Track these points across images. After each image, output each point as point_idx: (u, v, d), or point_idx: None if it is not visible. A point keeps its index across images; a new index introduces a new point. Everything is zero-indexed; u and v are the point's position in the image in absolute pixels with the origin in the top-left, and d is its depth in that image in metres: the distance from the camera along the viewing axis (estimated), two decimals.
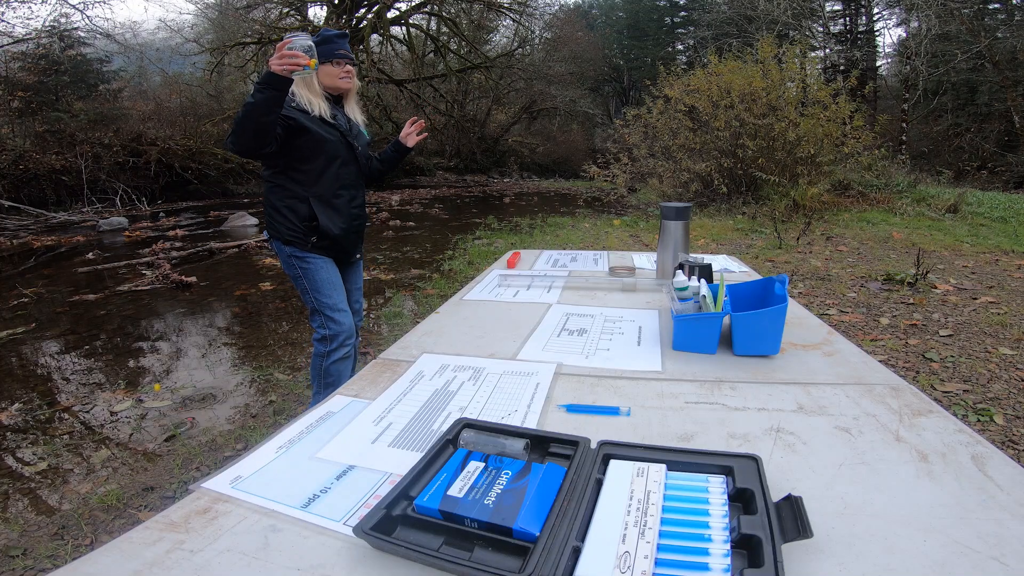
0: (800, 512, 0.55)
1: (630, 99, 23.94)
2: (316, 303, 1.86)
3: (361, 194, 1.97)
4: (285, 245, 1.83)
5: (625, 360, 1.08)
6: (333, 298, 1.87)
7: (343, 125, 1.84)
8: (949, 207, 7.43)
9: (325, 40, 1.75)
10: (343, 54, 1.80)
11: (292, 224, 1.81)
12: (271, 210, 1.84)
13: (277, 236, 1.84)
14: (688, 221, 1.61)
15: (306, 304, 1.91)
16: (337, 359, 1.88)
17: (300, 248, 1.82)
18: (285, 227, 1.81)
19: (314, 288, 1.85)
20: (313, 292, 1.86)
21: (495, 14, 18.98)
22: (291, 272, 1.87)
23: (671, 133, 9.07)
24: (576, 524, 0.57)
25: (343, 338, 1.87)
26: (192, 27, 17.38)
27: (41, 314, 4.08)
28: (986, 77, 13.54)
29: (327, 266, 1.88)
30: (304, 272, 1.84)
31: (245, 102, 1.54)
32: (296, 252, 1.83)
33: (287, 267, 1.87)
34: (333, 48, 1.77)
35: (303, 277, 1.85)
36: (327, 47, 1.75)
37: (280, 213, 1.81)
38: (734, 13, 17.34)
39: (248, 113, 1.52)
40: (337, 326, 1.86)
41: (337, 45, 1.79)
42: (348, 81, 1.85)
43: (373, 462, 0.75)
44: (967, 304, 3.48)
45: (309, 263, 1.84)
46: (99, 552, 0.58)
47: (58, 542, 1.64)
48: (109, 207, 10.28)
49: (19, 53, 11.45)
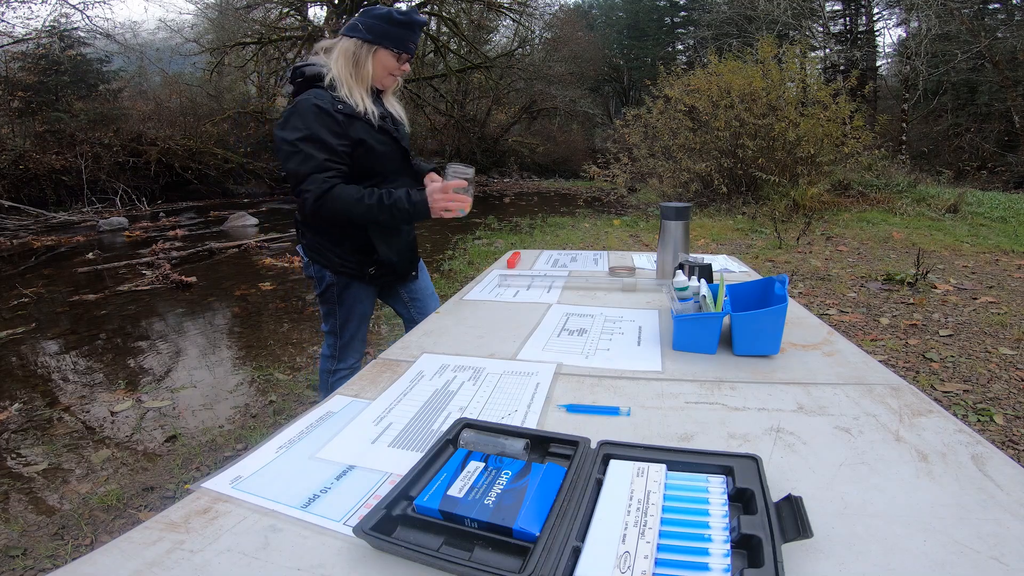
0: (800, 512, 0.55)
1: (630, 99, 23.94)
2: (339, 332, 1.65)
3: None
4: (332, 274, 1.56)
5: (625, 360, 1.08)
6: (360, 331, 1.68)
7: (391, 126, 1.52)
8: (949, 207, 7.43)
9: (407, 24, 1.42)
10: (412, 48, 1.47)
11: (344, 255, 1.53)
12: (317, 235, 1.54)
13: (323, 263, 1.55)
14: (688, 221, 1.61)
15: (326, 323, 1.67)
16: (341, 376, 1.72)
17: (351, 278, 1.57)
18: (336, 256, 1.53)
19: (345, 319, 1.63)
20: (342, 322, 1.63)
21: (495, 14, 18.97)
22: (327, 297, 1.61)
23: (671, 133, 9.07)
24: (576, 524, 0.57)
25: (351, 362, 1.72)
26: (192, 27, 17.38)
27: (41, 314, 4.08)
28: (986, 77, 13.54)
29: (368, 298, 1.65)
30: (341, 302, 1.61)
31: (365, 203, 1.35)
32: (343, 280, 1.57)
33: (324, 293, 1.61)
34: (409, 37, 1.45)
35: (338, 306, 1.61)
36: (403, 32, 1.42)
37: (329, 239, 1.52)
38: (734, 13, 17.33)
39: (364, 217, 1.37)
40: (349, 354, 1.70)
41: (414, 35, 1.46)
42: (394, 80, 1.54)
43: (373, 462, 0.75)
44: (967, 304, 3.48)
45: (352, 294, 1.60)
46: (99, 552, 0.58)
47: (58, 542, 1.64)
48: (109, 207, 10.28)
49: (19, 53, 11.44)
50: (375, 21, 1.42)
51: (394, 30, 1.41)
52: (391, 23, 1.41)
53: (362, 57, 1.42)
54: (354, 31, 1.42)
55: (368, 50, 1.43)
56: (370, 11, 1.43)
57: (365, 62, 1.42)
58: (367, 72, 1.43)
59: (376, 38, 1.42)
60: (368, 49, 1.43)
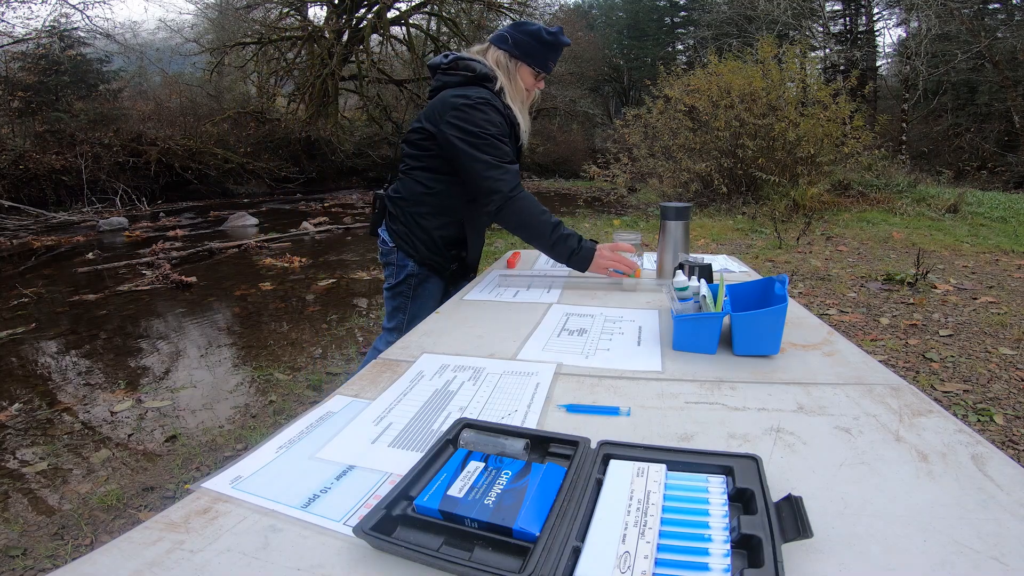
0: (800, 512, 0.55)
1: (630, 99, 23.94)
2: (405, 327, 1.61)
3: None
4: (417, 265, 1.55)
5: (625, 360, 1.08)
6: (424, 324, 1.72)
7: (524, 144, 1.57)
8: (949, 207, 7.43)
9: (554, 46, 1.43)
10: (551, 68, 1.49)
11: (434, 247, 1.53)
12: (412, 221, 1.52)
13: (410, 254, 1.54)
14: (688, 221, 1.61)
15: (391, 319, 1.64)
16: None
17: (434, 272, 1.56)
18: (425, 248, 1.52)
19: (415, 313, 1.59)
20: (412, 315, 1.60)
21: (495, 14, 18.95)
22: (402, 288, 1.58)
23: (671, 133, 9.07)
24: (576, 524, 0.56)
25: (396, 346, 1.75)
26: (192, 27, 17.39)
27: (41, 314, 4.08)
28: (986, 77, 13.55)
29: (439, 295, 1.64)
30: (416, 296, 1.58)
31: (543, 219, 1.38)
32: (424, 273, 1.56)
33: (401, 284, 1.58)
34: (552, 58, 1.47)
35: (411, 299, 1.59)
36: (549, 52, 1.44)
37: (422, 229, 1.51)
38: (734, 13, 17.34)
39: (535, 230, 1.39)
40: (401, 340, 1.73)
41: (555, 56, 1.47)
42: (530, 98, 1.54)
43: (373, 462, 0.75)
44: (967, 304, 3.48)
45: (428, 289, 1.59)
46: (99, 552, 0.58)
47: (58, 542, 1.64)
48: (109, 207, 10.29)
49: (19, 53, 11.44)
50: (525, 37, 1.43)
51: (540, 49, 1.43)
52: (540, 42, 1.42)
53: (513, 71, 1.45)
54: (503, 43, 1.44)
55: (516, 64, 1.45)
56: (521, 26, 1.44)
57: (516, 77, 1.45)
58: (520, 86, 1.46)
59: (522, 54, 1.44)
60: (515, 64, 1.45)
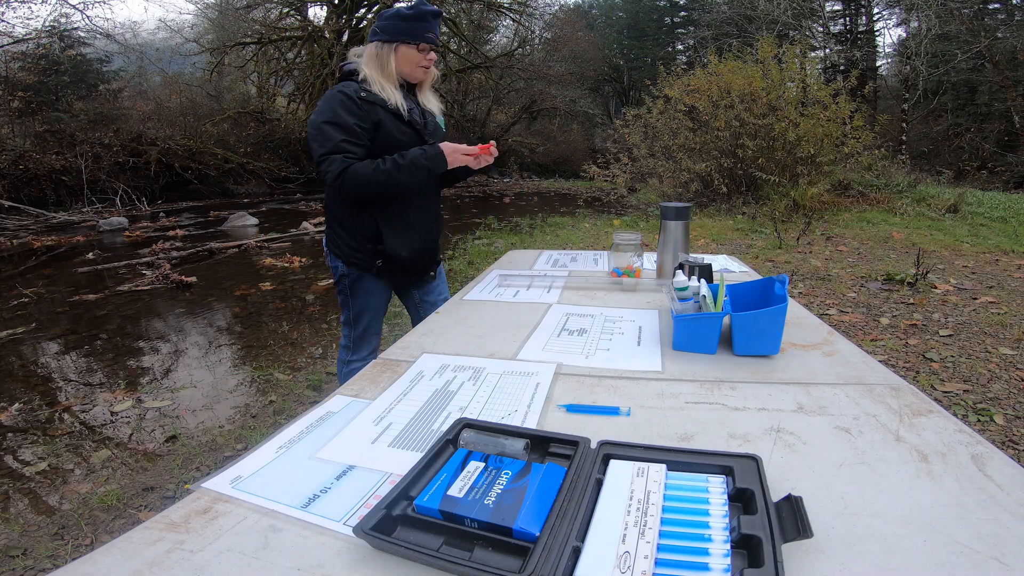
0: (800, 512, 0.55)
1: (630, 99, 23.94)
2: (353, 324, 1.71)
3: (437, 204, 1.72)
4: (344, 265, 1.62)
5: (625, 360, 1.08)
6: (372, 324, 1.73)
7: (419, 121, 1.57)
8: (949, 207, 7.43)
9: (416, 16, 1.48)
10: (431, 38, 1.51)
11: (355, 245, 1.58)
12: (333, 221, 1.61)
13: (336, 254, 1.62)
14: (688, 221, 1.61)
15: (343, 314, 1.73)
16: (354, 368, 1.75)
17: (361, 270, 1.62)
18: (348, 246, 1.59)
19: (358, 311, 1.68)
20: (355, 314, 1.69)
21: (495, 14, 18.97)
22: (341, 288, 1.68)
23: (671, 133, 9.07)
24: (576, 524, 0.56)
25: (365, 354, 1.77)
26: (192, 27, 17.40)
27: (41, 314, 4.08)
28: (986, 77, 13.54)
29: (381, 292, 1.69)
30: (354, 294, 1.66)
31: (382, 169, 1.42)
32: (353, 273, 1.62)
33: (338, 284, 1.68)
34: (422, 28, 1.49)
35: (350, 297, 1.67)
36: (414, 25, 1.48)
37: (342, 227, 1.59)
38: (734, 13, 17.33)
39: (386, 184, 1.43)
40: (363, 345, 1.75)
41: (428, 25, 1.50)
42: (427, 72, 1.57)
43: (373, 462, 0.75)
44: (967, 304, 3.48)
45: (362, 287, 1.65)
46: (99, 552, 0.58)
47: (58, 542, 1.65)
48: (109, 207, 10.29)
49: (19, 53, 11.44)
50: (388, 22, 1.52)
51: (405, 24, 1.49)
52: (402, 19, 1.49)
53: (384, 56, 1.51)
54: (374, 36, 1.53)
55: (389, 49, 1.52)
56: (383, 14, 1.54)
57: (388, 60, 1.51)
58: (391, 69, 1.52)
59: (392, 36, 1.51)
60: (389, 48, 1.52)
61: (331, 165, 1.42)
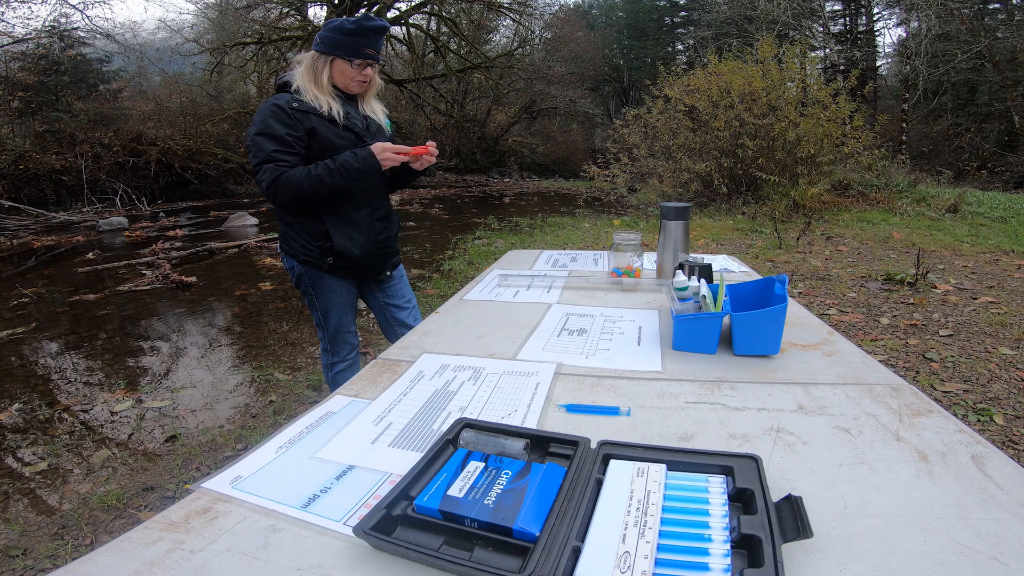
0: (800, 512, 0.55)
1: (630, 99, 23.94)
2: (324, 324, 1.75)
3: (385, 204, 1.75)
4: (299, 264, 1.66)
5: (625, 360, 1.08)
6: (342, 321, 1.76)
7: (358, 126, 1.60)
8: (949, 207, 7.43)
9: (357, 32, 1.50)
10: (369, 54, 1.54)
11: (306, 243, 1.62)
12: (284, 224, 1.67)
13: (290, 253, 1.67)
14: (688, 221, 1.61)
15: (313, 317, 1.78)
16: (340, 370, 1.82)
17: (315, 269, 1.66)
18: (299, 245, 1.63)
19: (323, 309, 1.72)
20: (322, 313, 1.73)
21: (495, 14, 18.95)
22: (301, 288, 1.73)
23: (671, 133, 9.06)
24: (576, 524, 0.57)
25: (344, 353, 1.80)
26: (192, 27, 17.39)
27: (41, 314, 4.08)
28: (986, 77, 13.55)
29: (341, 288, 1.72)
30: (316, 293, 1.70)
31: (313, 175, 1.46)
32: (310, 271, 1.67)
33: (298, 284, 1.73)
34: (360, 44, 1.51)
35: (314, 296, 1.71)
36: (353, 40, 1.50)
37: (292, 229, 1.64)
38: (734, 13, 17.33)
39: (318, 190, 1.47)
40: (340, 345, 1.79)
41: (367, 41, 1.52)
42: (363, 85, 1.61)
43: (373, 462, 0.75)
44: (967, 304, 3.48)
45: (322, 284, 1.69)
46: (99, 552, 0.58)
47: (58, 542, 1.65)
48: (109, 207, 10.29)
49: (19, 53, 11.44)
50: (328, 34, 1.53)
51: (343, 39, 1.51)
52: (341, 33, 1.50)
53: (319, 67, 1.54)
54: (315, 46, 1.55)
55: (325, 61, 1.55)
56: (327, 24, 1.55)
57: (322, 72, 1.54)
58: (324, 80, 1.55)
59: (329, 49, 1.53)
60: (325, 60, 1.55)
61: (264, 174, 1.45)
